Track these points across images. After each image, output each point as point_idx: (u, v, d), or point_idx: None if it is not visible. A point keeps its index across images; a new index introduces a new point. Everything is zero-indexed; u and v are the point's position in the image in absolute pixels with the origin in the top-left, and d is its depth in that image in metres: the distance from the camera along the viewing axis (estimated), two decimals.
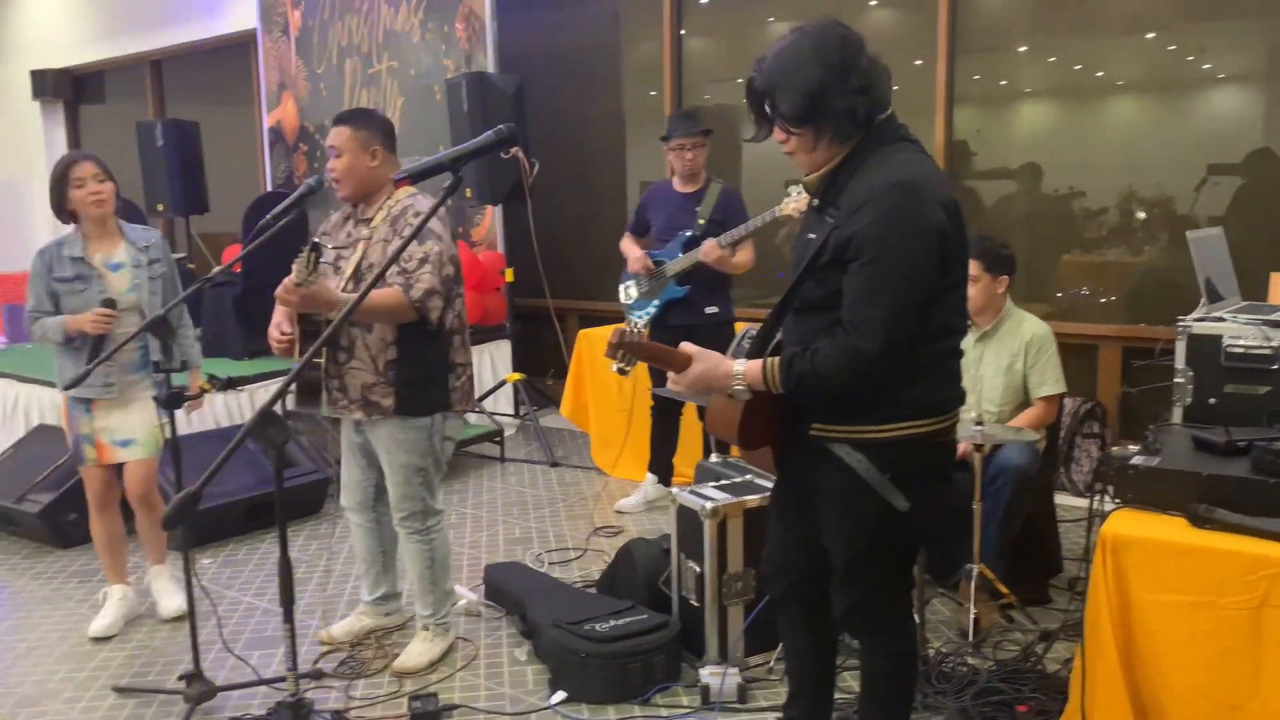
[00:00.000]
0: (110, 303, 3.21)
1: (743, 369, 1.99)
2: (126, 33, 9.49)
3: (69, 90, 10.45)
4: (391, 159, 3.01)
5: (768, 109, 1.98)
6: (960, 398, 2.07)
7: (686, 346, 2.04)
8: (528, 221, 5.66)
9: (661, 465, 4.71)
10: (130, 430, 3.39)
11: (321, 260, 2.71)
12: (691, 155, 4.37)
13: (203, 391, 3.03)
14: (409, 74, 6.87)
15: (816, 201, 2.07)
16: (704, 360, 2.01)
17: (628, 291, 4.58)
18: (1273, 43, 4.53)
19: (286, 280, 2.71)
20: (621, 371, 1.99)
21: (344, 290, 2.87)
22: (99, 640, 3.39)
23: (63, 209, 3.33)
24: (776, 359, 1.97)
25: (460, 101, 5.71)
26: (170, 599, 3.59)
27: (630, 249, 4.57)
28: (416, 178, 1.94)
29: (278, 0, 7.70)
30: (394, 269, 2.82)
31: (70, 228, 3.39)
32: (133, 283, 3.35)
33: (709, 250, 4.19)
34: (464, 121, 5.70)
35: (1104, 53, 4.94)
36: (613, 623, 3.01)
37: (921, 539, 2.18)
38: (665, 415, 4.61)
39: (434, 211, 1.88)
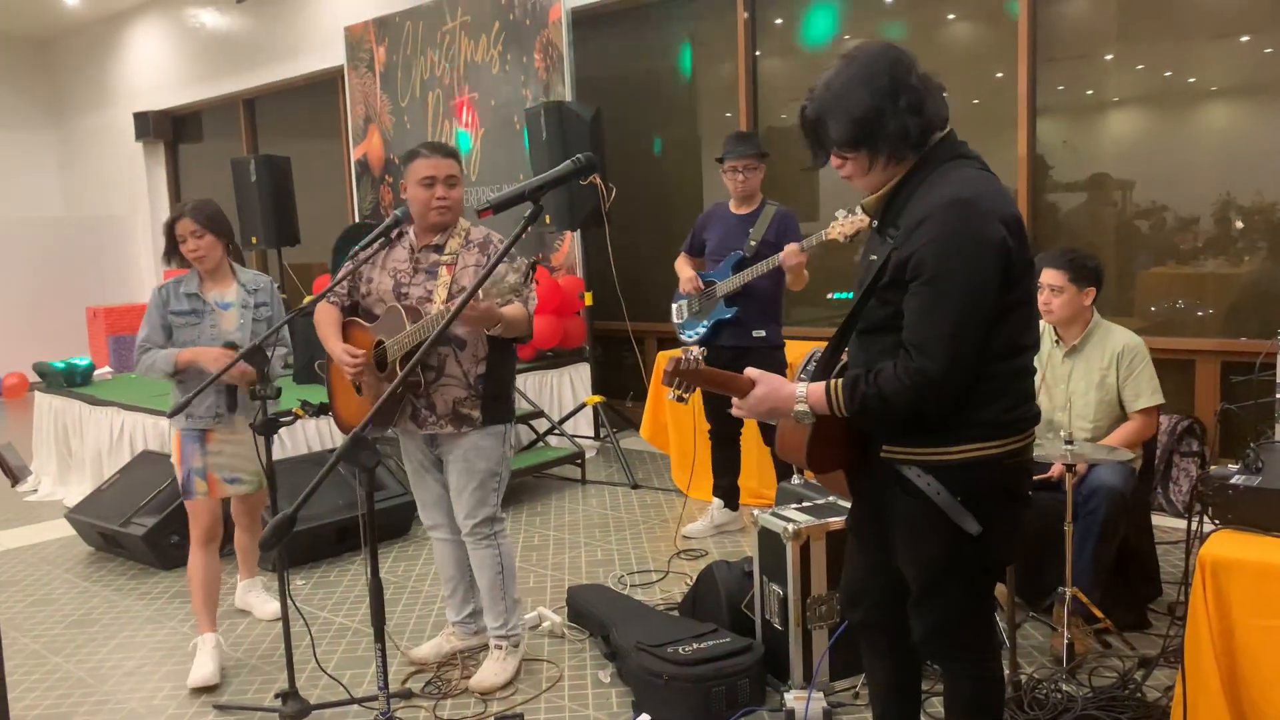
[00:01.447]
0: (231, 345, 3.36)
1: (805, 392, 1.98)
2: (221, 74, 9.92)
3: (169, 130, 10.95)
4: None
5: (821, 137, 1.99)
6: (1035, 417, 2.02)
7: (750, 371, 2.04)
8: (606, 246, 5.73)
9: (724, 488, 4.69)
10: (238, 468, 3.49)
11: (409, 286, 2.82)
12: (744, 177, 4.36)
13: (296, 417, 3.13)
14: (489, 104, 7.02)
15: (876, 223, 2.06)
16: (766, 383, 2.01)
17: (679, 311, 4.59)
18: None
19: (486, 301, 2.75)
20: (680, 399, 2.00)
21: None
22: (201, 690, 3.29)
23: (172, 256, 3.50)
24: (840, 381, 1.95)
25: (539, 130, 5.82)
26: (266, 604, 3.86)
27: (683, 268, 4.58)
28: (499, 208, 1.99)
29: (364, 38, 7.96)
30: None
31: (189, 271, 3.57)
32: (239, 322, 3.48)
33: (790, 253, 4.12)
34: (543, 149, 5.81)
35: (1195, 58, 4.80)
36: (696, 645, 3.01)
37: (999, 562, 2.11)
38: (722, 439, 4.61)
39: (517, 238, 1.92)
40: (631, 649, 3.07)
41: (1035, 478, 3.32)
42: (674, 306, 4.63)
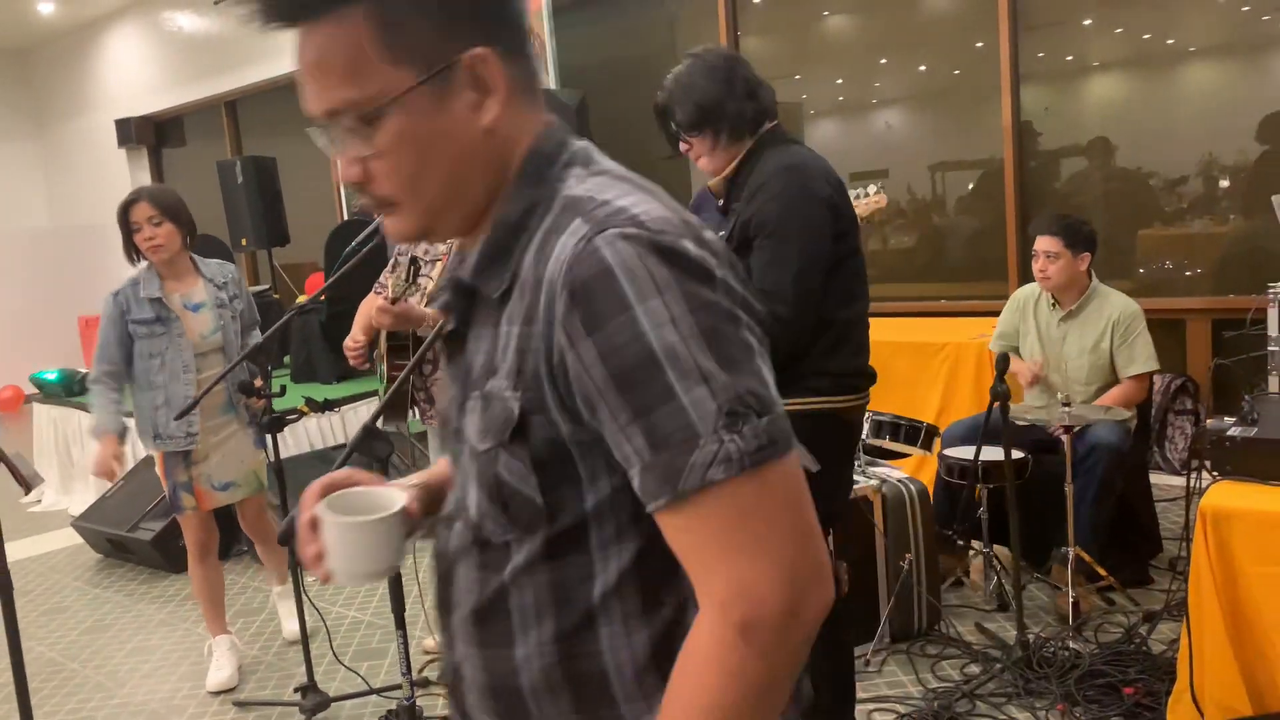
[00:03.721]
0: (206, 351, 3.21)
1: None
2: (202, 77, 9.87)
3: (151, 136, 10.90)
4: None
5: (672, 125, 2.25)
6: (870, 376, 2.24)
7: None
8: None
9: None
10: (228, 473, 3.30)
11: (420, 275, 2.81)
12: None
13: (301, 414, 3.13)
14: None
15: (721, 202, 2.31)
16: None
17: None
18: None
19: (381, 300, 2.81)
20: None
21: (424, 305, 2.98)
22: (220, 693, 3.30)
23: (129, 250, 3.19)
24: None
25: None
26: (292, 622, 3.66)
27: None
28: None
29: None
30: None
31: (142, 265, 3.23)
32: (216, 324, 3.24)
33: None
34: None
35: (1173, 19, 4.83)
36: None
37: (823, 515, 2.21)
38: None
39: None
40: None
41: (1035, 439, 3.38)
42: None
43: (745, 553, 0.81)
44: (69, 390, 6.25)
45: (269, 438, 2.85)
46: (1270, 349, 2.57)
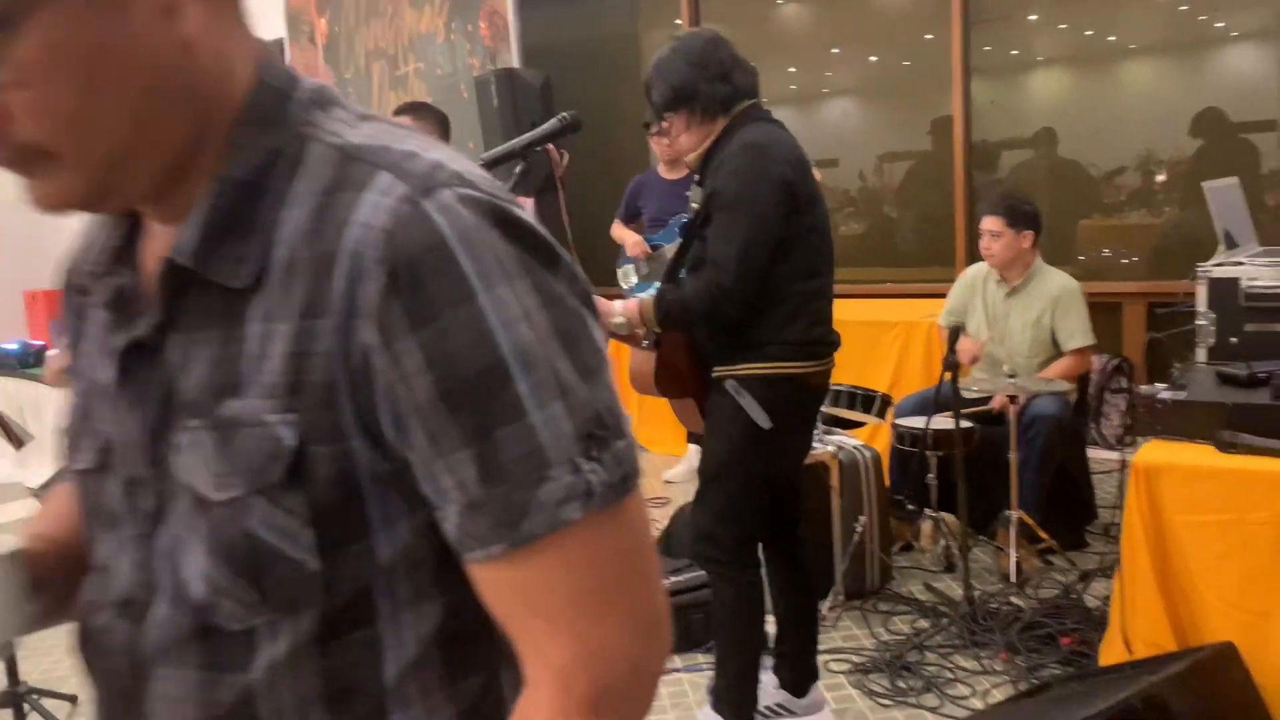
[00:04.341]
0: None
1: (621, 306, 2.34)
2: None
3: None
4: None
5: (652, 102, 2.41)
6: (833, 343, 2.38)
7: None
8: (560, 212, 5.84)
9: (698, 437, 4.89)
10: None
11: None
12: (668, 141, 4.53)
13: None
14: (436, 74, 7.06)
15: (697, 177, 2.43)
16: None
17: (626, 275, 4.75)
18: None
19: None
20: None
21: None
22: None
23: None
24: (650, 295, 2.32)
25: (490, 98, 5.90)
26: None
27: (625, 234, 4.75)
28: (490, 165, 2.12)
29: (304, 9, 7.91)
30: None
31: None
32: None
33: None
34: (494, 118, 5.89)
35: (1115, 16, 5.04)
36: (674, 579, 3.19)
37: (773, 477, 2.39)
38: None
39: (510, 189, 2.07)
40: None
41: (976, 410, 3.58)
42: (620, 271, 4.78)
43: (594, 609, 0.65)
44: (25, 363, 6.20)
45: None
46: (1199, 323, 2.78)
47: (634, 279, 4.70)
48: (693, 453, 4.92)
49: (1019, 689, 2.68)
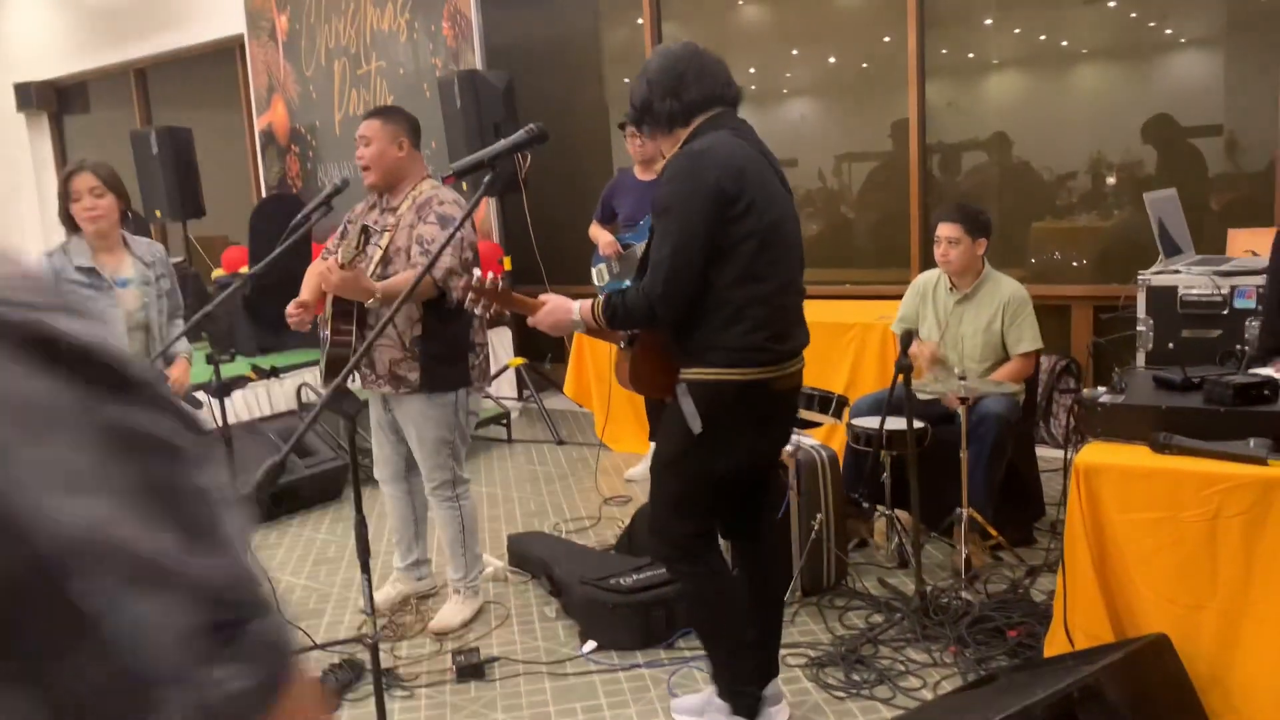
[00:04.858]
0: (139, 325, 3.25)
1: (578, 306, 2.44)
2: (109, 43, 9.61)
3: (53, 102, 10.56)
4: (416, 153, 3.26)
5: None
6: (786, 351, 2.42)
7: (544, 295, 2.50)
8: (523, 212, 5.89)
9: None
10: None
11: (370, 243, 2.94)
12: (641, 141, 4.62)
13: (249, 380, 3.24)
14: (398, 73, 7.07)
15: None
16: (553, 301, 2.48)
17: (599, 274, 4.83)
18: (1231, 3, 4.76)
19: (330, 261, 2.95)
20: (486, 311, 2.44)
21: (371, 273, 3.11)
22: None
23: (66, 219, 3.23)
24: (602, 296, 2.41)
25: (453, 99, 5.92)
26: None
27: (599, 234, 4.83)
28: (460, 174, 2.18)
29: (264, 6, 7.86)
30: (417, 250, 3.09)
31: (74, 237, 3.25)
32: (142, 301, 3.27)
33: None
34: (457, 118, 5.91)
35: (1067, 22, 5.16)
36: (635, 576, 3.27)
37: (722, 477, 2.46)
38: None
39: (475, 205, 2.13)
40: (575, 584, 3.32)
41: (928, 398, 3.69)
42: (594, 270, 4.85)
43: None
44: None
45: (218, 403, 2.95)
46: (1139, 329, 2.90)
47: (606, 278, 4.78)
48: (652, 451, 5.00)
49: (967, 680, 2.79)
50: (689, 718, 2.72)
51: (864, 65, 5.83)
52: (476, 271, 2.47)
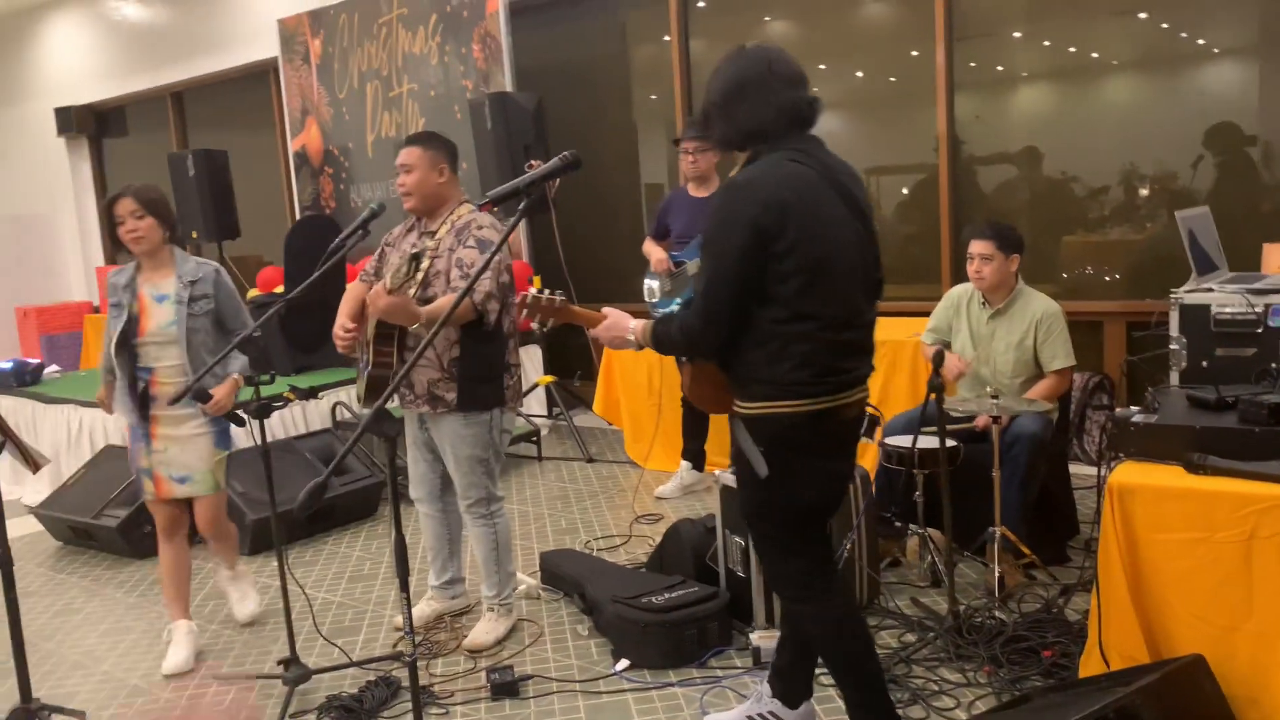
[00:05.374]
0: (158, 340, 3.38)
1: (635, 325, 2.43)
2: (147, 68, 9.81)
3: (92, 125, 10.79)
4: (454, 178, 3.33)
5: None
6: (841, 383, 2.29)
7: (606, 309, 2.50)
8: (552, 231, 5.94)
9: (693, 452, 5.00)
10: (186, 466, 3.43)
11: (418, 269, 3.00)
12: (693, 158, 4.66)
13: (287, 401, 3.31)
14: (429, 95, 7.16)
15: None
16: (614, 316, 2.48)
17: (651, 290, 4.87)
18: (1265, 13, 4.72)
19: (378, 286, 3.02)
20: (541, 326, 2.49)
21: (411, 295, 3.16)
22: (173, 677, 3.39)
23: (114, 240, 3.48)
24: (654, 319, 2.39)
25: (484, 120, 6.00)
26: (243, 605, 3.79)
27: (652, 250, 4.87)
28: (496, 201, 2.22)
29: (298, 30, 8.00)
30: (457, 273, 3.14)
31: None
32: (173, 318, 3.37)
33: None
34: (488, 139, 5.99)
35: (1097, 34, 5.14)
36: (667, 595, 3.29)
37: (808, 509, 2.38)
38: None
39: (510, 231, 2.17)
40: (607, 602, 3.34)
41: (960, 427, 3.68)
42: (646, 286, 4.91)
43: None
44: (20, 380, 6.25)
45: (258, 423, 3.00)
46: (1171, 347, 2.89)
47: (658, 295, 4.83)
48: (684, 469, 5.02)
49: (1001, 700, 2.78)
50: None
51: (892, 80, 5.84)
52: (533, 290, 2.47)
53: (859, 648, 2.43)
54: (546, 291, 2.46)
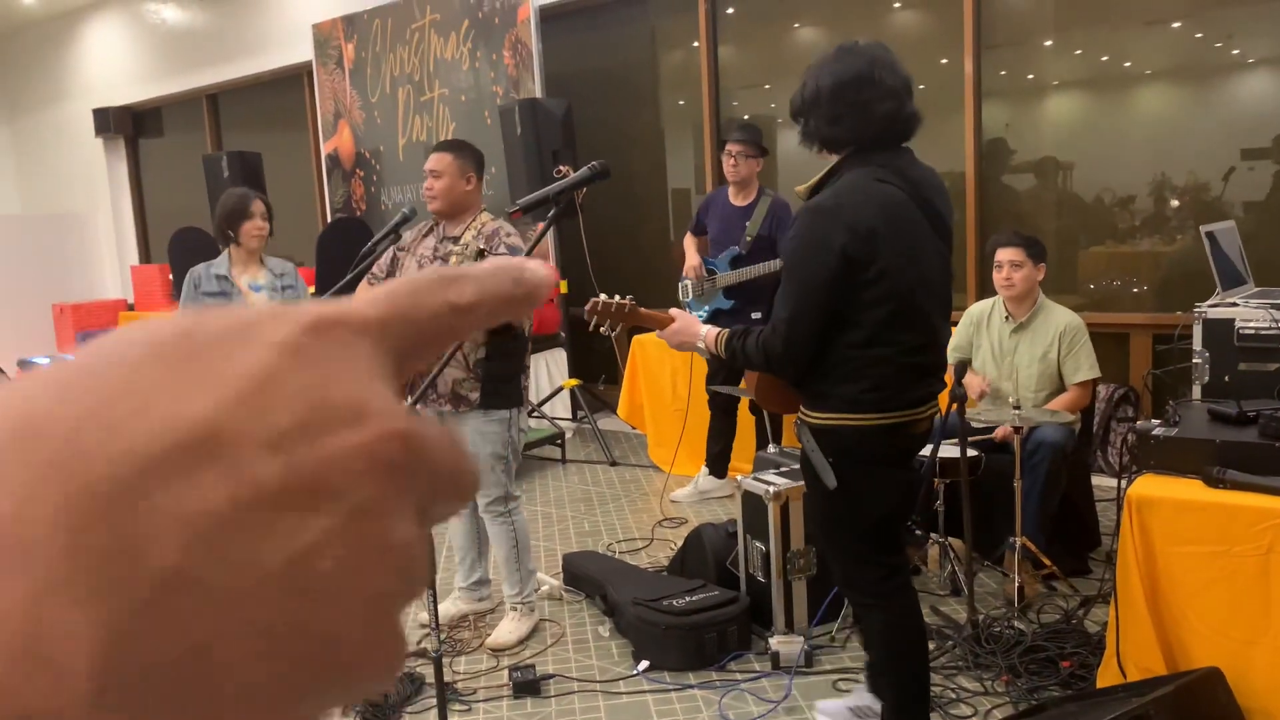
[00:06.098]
0: None
1: (705, 331, 2.42)
2: (183, 70, 9.98)
3: (129, 126, 10.96)
4: (479, 186, 3.39)
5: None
6: (912, 400, 2.28)
7: (673, 311, 2.51)
8: (580, 235, 6.00)
9: (715, 455, 5.03)
10: None
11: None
12: (734, 162, 4.67)
13: None
14: (460, 100, 7.25)
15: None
16: (682, 320, 2.48)
17: (685, 290, 4.93)
18: None
19: None
20: (609, 332, 2.49)
21: None
22: None
23: (226, 233, 3.78)
24: (728, 330, 2.38)
25: (514, 126, 6.07)
26: None
27: (690, 250, 4.91)
28: (526, 209, 2.28)
29: (332, 35, 8.11)
30: None
31: (227, 250, 3.83)
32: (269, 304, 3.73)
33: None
34: (517, 144, 6.06)
35: (1129, 43, 5.12)
36: (688, 598, 3.33)
37: (875, 516, 2.38)
38: (719, 407, 4.93)
39: (541, 237, 2.22)
40: (629, 604, 3.38)
41: (981, 437, 3.70)
42: (680, 285, 4.97)
43: None
44: None
45: None
46: (1195, 361, 2.90)
47: (690, 295, 4.90)
48: (702, 475, 5.05)
49: (1019, 710, 2.79)
50: None
51: (920, 87, 5.82)
52: (603, 295, 2.50)
53: (916, 654, 2.46)
54: (617, 297, 2.49)
